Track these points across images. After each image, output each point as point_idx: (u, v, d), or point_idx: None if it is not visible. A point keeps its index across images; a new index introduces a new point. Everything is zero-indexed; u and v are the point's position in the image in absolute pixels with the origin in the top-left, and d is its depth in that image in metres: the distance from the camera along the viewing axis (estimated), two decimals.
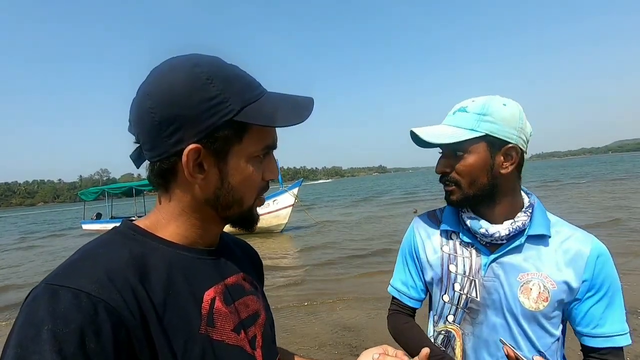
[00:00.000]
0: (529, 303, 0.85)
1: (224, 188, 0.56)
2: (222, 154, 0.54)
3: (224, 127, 0.53)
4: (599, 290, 0.85)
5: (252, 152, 0.56)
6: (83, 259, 0.50)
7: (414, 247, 1.03)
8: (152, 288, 0.51)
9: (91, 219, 17.41)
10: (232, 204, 0.58)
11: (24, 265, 10.90)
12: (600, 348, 0.85)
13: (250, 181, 0.57)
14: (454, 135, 0.86)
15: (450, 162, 0.89)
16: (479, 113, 0.86)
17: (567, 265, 0.86)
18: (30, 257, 12.38)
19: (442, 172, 0.91)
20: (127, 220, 0.59)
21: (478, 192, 0.88)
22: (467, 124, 0.86)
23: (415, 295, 1.03)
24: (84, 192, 18.22)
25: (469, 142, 0.85)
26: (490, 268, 0.89)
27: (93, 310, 0.43)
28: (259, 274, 0.77)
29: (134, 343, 0.46)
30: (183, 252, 0.57)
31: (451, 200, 0.92)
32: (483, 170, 0.86)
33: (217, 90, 0.52)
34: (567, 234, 0.90)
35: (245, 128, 0.54)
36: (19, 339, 0.41)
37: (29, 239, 19.27)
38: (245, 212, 0.60)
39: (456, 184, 0.89)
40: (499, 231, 0.87)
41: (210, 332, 0.54)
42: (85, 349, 0.41)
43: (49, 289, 0.44)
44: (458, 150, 0.87)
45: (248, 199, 0.59)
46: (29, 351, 0.40)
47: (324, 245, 10.17)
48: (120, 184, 17.75)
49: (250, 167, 0.57)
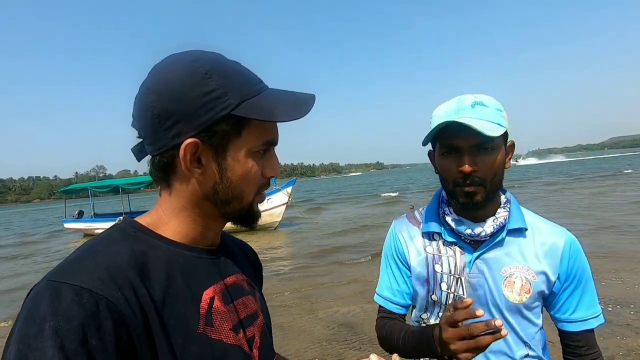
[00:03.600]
0: (513, 296, 0.88)
1: (222, 183, 0.56)
2: (220, 149, 0.54)
3: (222, 121, 0.53)
4: (574, 280, 0.90)
5: (252, 147, 0.56)
6: (84, 256, 0.50)
7: (398, 250, 1.03)
8: (152, 286, 0.51)
9: (72, 217, 16.88)
10: (231, 199, 0.57)
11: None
12: (577, 332, 0.90)
13: (250, 176, 0.57)
14: (492, 128, 0.81)
15: (477, 159, 0.84)
16: (498, 109, 0.86)
17: (545, 257, 0.89)
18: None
19: (473, 169, 0.84)
20: (128, 217, 0.59)
21: (495, 189, 0.88)
22: (493, 118, 0.84)
23: (401, 301, 1.02)
24: (65, 190, 17.56)
25: (499, 137, 0.84)
26: (474, 265, 0.91)
27: (95, 307, 0.43)
28: (258, 276, 0.77)
29: (135, 340, 0.46)
30: (183, 250, 0.57)
31: (475, 201, 0.86)
32: (502, 167, 0.88)
33: (215, 85, 0.52)
34: (541, 226, 0.93)
35: (244, 123, 0.54)
36: (21, 335, 0.41)
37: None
38: (245, 209, 0.59)
39: (482, 183, 0.85)
40: (484, 230, 0.89)
41: (209, 331, 0.55)
42: (87, 346, 0.41)
43: (50, 285, 0.44)
44: (489, 146, 0.84)
45: (248, 194, 0.58)
46: (31, 347, 0.40)
47: (318, 242, 10.21)
48: (106, 182, 17.31)
49: (250, 162, 0.56)
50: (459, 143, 0.84)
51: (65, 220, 17.37)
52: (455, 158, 0.86)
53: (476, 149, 0.84)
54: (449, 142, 0.86)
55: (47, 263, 10.58)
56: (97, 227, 15.63)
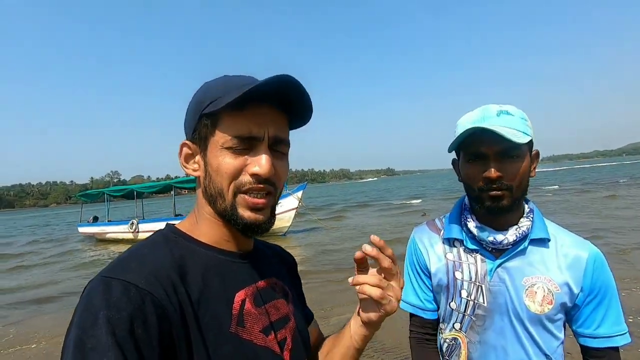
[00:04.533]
0: (535, 306, 0.87)
1: (207, 178, 0.60)
2: (204, 147, 0.60)
3: (201, 122, 0.59)
4: (598, 294, 0.88)
5: (224, 142, 0.58)
6: (132, 256, 0.55)
7: (419, 258, 1.03)
8: (189, 286, 0.55)
9: (87, 222, 17.23)
10: (216, 195, 0.60)
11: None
12: (600, 348, 0.88)
13: (222, 169, 0.58)
14: (518, 136, 0.82)
15: (504, 165, 0.85)
16: (523, 118, 0.87)
17: (568, 268, 0.88)
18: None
19: (499, 176, 0.85)
20: (169, 224, 0.65)
21: (520, 196, 0.88)
22: (518, 126, 0.85)
23: (430, 307, 1.02)
24: (82, 194, 17.95)
25: (525, 145, 0.85)
26: (495, 273, 0.90)
27: (141, 301, 0.48)
28: (293, 280, 0.79)
29: (174, 335, 0.50)
30: (217, 254, 0.62)
31: (502, 206, 0.86)
32: (527, 174, 0.88)
33: (201, 94, 0.61)
34: (564, 238, 0.92)
35: (216, 120, 0.58)
36: (79, 322, 0.46)
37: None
38: (229, 209, 0.59)
39: (508, 189, 0.85)
40: (507, 238, 0.89)
41: (240, 331, 0.57)
42: (134, 335, 0.46)
43: (103, 280, 0.50)
44: (515, 154, 0.85)
45: (226, 190, 0.59)
46: (88, 334, 0.45)
47: (330, 247, 10.14)
48: (121, 187, 17.57)
49: (222, 155, 0.58)
50: (484, 150, 0.85)
51: (80, 224, 17.75)
52: (481, 165, 0.86)
53: (502, 156, 0.85)
54: (474, 149, 0.87)
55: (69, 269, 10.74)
56: (109, 231, 15.95)
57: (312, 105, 0.62)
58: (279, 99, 0.59)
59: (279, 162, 0.61)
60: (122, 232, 15.23)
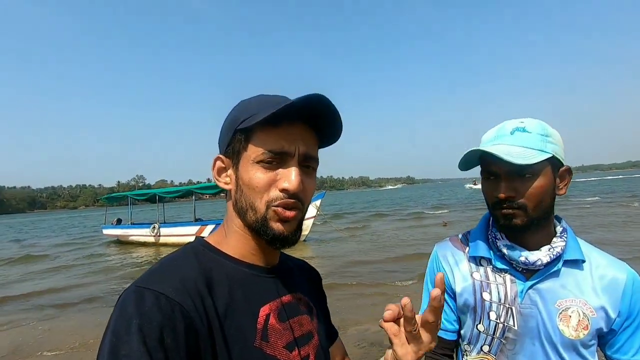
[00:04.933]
0: (569, 331, 0.83)
1: (238, 191, 0.62)
2: (236, 161, 0.62)
3: (235, 137, 0.62)
4: (636, 318, 0.84)
5: (256, 157, 0.59)
6: (163, 267, 0.57)
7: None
8: (216, 298, 0.56)
9: (112, 224, 17.71)
10: (247, 208, 0.61)
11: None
12: None
13: (253, 183, 0.59)
14: (528, 155, 0.81)
15: (515, 185, 0.83)
16: (542, 134, 0.84)
17: (604, 292, 0.84)
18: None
19: (509, 196, 0.83)
20: (199, 237, 0.67)
21: (541, 215, 0.85)
22: (534, 144, 0.83)
23: (449, 327, 0.98)
24: (107, 197, 18.45)
25: (540, 163, 0.82)
26: (527, 295, 0.86)
27: (170, 311, 0.50)
28: (318, 296, 0.80)
29: (201, 345, 0.52)
30: (243, 268, 0.63)
31: (514, 224, 0.84)
32: (548, 193, 0.84)
33: (236, 111, 0.63)
34: (599, 259, 0.89)
35: (249, 136, 0.60)
36: (113, 329, 0.49)
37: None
38: (260, 221, 0.60)
39: (521, 208, 0.83)
40: (540, 259, 0.84)
41: (264, 346, 0.58)
42: (163, 344, 0.48)
43: (137, 290, 0.52)
44: (528, 173, 0.82)
45: (258, 204, 0.60)
46: (122, 340, 0.47)
47: (347, 256, 10.04)
48: (144, 191, 18.06)
49: (254, 170, 0.60)
50: (494, 169, 0.85)
51: (105, 226, 18.35)
52: (494, 183, 0.86)
53: (513, 175, 0.83)
54: (487, 167, 0.87)
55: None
56: (132, 234, 16.40)
57: (342, 125, 0.64)
58: (310, 117, 0.60)
59: (307, 179, 0.62)
60: (144, 236, 15.62)
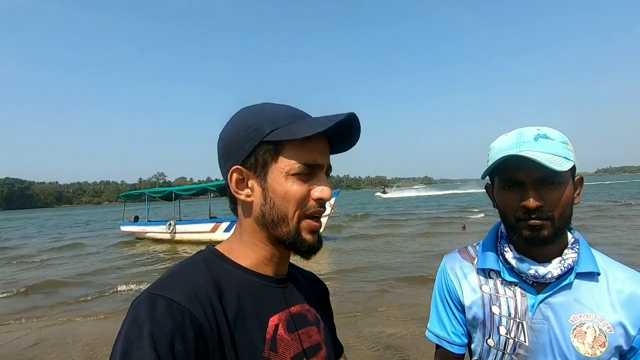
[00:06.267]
0: (584, 348, 0.79)
1: (267, 204, 0.61)
2: (262, 173, 0.61)
3: (260, 148, 0.61)
4: None
5: (290, 170, 0.60)
6: (175, 274, 0.58)
7: (450, 289, 0.96)
8: (226, 306, 0.57)
9: (129, 221, 18.07)
10: (278, 220, 0.61)
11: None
12: None
13: (289, 196, 0.60)
14: (559, 162, 0.77)
15: (543, 194, 0.79)
16: (563, 142, 0.82)
17: (622, 307, 0.80)
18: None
19: (539, 206, 0.78)
20: (210, 245, 0.67)
21: (564, 225, 0.81)
22: (559, 151, 0.79)
23: (457, 341, 0.95)
24: (125, 194, 18.97)
25: (566, 172, 0.79)
26: (538, 309, 0.83)
27: (181, 318, 0.51)
28: (324, 308, 0.80)
29: (210, 353, 0.52)
30: (253, 277, 0.63)
31: (542, 236, 0.79)
32: (571, 202, 0.82)
33: (252, 121, 0.62)
34: (617, 272, 0.84)
35: (280, 148, 0.60)
36: (126, 335, 0.49)
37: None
38: (293, 233, 0.62)
39: (549, 218, 0.79)
40: (550, 272, 0.81)
41: (273, 356, 0.59)
42: (173, 351, 0.49)
43: (150, 297, 0.52)
44: (557, 181, 0.79)
45: (291, 215, 0.61)
46: (133, 346, 0.48)
47: (362, 256, 9.92)
48: (161, 188, 18.33)
49: (289, 182, 0.60)
50: (521, 177, 0.80)
51: (122, 223, 18.78)
52: (518, 192, 0.81)
53: (541, 184, 0.79)
54: (510, 175, 0.81)
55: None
56: (149, 231, 16.77)
57: (358, 141, 0.66)
58: (335, 132, 0.62)
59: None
60: (161, 233, 15.90)
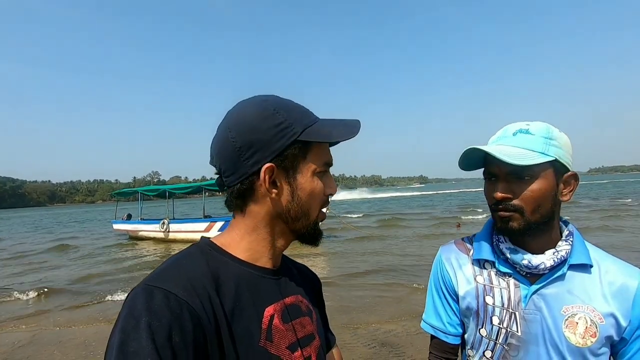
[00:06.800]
0: (576, 338, 0.81)
1: (294, 201, 0.64)
2: (291, 171, 0.63)
3: (291, 147, 0.62)
4: None
5: (316, 168, 0.64)
6: (172, 266, 0.59)
7: (445, 279, 0.98)
8: (223, 298, 0.58)
9: (122, 219, 17.87)
10: (300, 216, 0.65)
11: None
12: None
13: (315, 193, 0.65)
14: (527, 156, 0.79)
15: (512, 186, 0.82)
16: (546, 137, 0.83)
17: (614, 298, 0.82)
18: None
19: (504, 197, 0.82)
20: (205, 238, 0.67)
21: (539, 219, 0.83)
22: (535, 146, 0.81)
23: (453, 331, 0.96)
24: (118, 192, 18.71)
25: (540, 166, 0.80)
26: (531, 300, 0.85)
27: (179, 310, 0.51)
28: (317, 298, 0.81)
29: (208, 344, 0.53)
30: (249, 269, 0.64)
31: (510, 227, 0.83)
32: (548, 197, 0.82)
33: (282, 118, 0.62)
34: (609, 264, 0.86)
35: (308, 147, 0.64)
36: (122, 326, 0.49)
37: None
38: (311, 225, 0.67)
39: (517, 210, 0.82)
40: (543, 262, 0.83)
41: (269, 346, 0.60)
42: (171, 342, 0.49)
43: (146, 288, 0.53)
44: (527, 175, 0.81)
45: (313, 211, 0.66)
46: (130, 337, 0.48)
47: (358, 254, 9.92)
48: (155, 187, 18.12)
49: (316, 180, 0.64)
50: (494, 170, 0.85)
51: (115, 221, 18.50)
52: (493, 184, 0.86)
53: (512, 177, 0.82)
54: (487, 168, 0.88)
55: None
56: (142, 229, 16.58)
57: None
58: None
59: None
60: (154, 231, 15.74)
